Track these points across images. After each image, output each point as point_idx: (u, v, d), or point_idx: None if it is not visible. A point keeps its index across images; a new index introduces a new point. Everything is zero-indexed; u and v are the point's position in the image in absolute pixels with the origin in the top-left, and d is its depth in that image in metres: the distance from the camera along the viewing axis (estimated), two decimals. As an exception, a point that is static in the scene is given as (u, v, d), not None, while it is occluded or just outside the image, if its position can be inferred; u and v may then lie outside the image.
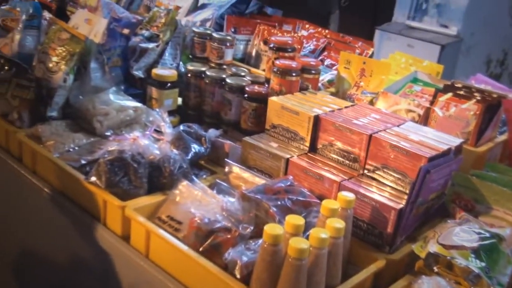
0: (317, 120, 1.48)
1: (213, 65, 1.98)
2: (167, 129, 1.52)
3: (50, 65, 1.71)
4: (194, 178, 1.47)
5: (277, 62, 1.71)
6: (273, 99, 1.58)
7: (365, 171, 1.40)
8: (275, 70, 1.70)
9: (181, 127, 1.63)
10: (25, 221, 1.71)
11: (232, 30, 2.18)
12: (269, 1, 2.62)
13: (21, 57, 1.80)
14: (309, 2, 5.04)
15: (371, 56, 2.08)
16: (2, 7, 1.91)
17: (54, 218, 1.57)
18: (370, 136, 1.37)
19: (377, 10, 4.71)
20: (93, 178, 1.41)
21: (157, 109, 1.60)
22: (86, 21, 1.88)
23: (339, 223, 1.13)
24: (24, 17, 1.83)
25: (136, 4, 2.56)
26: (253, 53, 2.18)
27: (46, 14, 1.95)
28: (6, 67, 1.71)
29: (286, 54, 1.78)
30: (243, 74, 1.89)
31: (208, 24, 2.23)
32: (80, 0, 2.44)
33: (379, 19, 4.48)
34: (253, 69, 2.06)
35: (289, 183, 1.34)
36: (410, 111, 1.66)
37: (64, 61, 1.70)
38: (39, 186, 1.58)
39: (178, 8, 2.15)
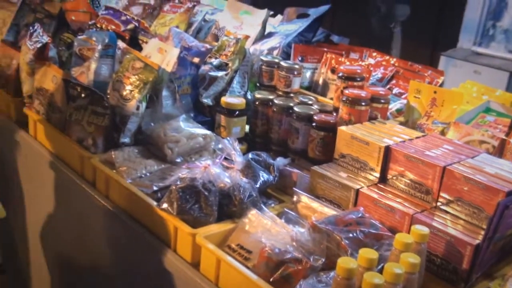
0: (387, 150, 1.46)
1: (280, 93, 1.99)
2: (238, 158, 1.54)
3: (124, 93, 1.77)
4: (263, 206, 1.48)
5: (346, 91, 1.71)
6: (342, 128, 1.58)
7: (438, 204, 1.37)
8: (344, 99, 1.70)
9: (250, 155, 1.64)
10: (98, 243, 1.76)
11: (299, 58, 2.19)
12: (336, 29, 2.62)
13: (96, 85, 1.86)
14: (373, 30, 5.03)
15: (441, 85, 2.04)
16: (79, 37, 1.99)
17: (125, 242, 1.61)
18: (444, 168, 1.35)
19: (438, 36, 4.64)
20: (165, 205, 1.44)
21: (228, 138, 1.62)
22: (158, 50, 1.93)
23: (414, 258, 1.11)
24: (100, 46, 1.90)
25: (203, 33, 2.62)
26: (320, 82, 2.18)
27: (120, 44, 2.01)
28: (82, 95, 1.78)
29: (355, 83, 1.77)
30: (310, 102, 1.89)
31: (275, 52, 2.25)
32: (151, 29, 2.53)
33: (441, 44, 4.41)
34: (320, 98, 2.07)
35: (360, 215, 1.33)
36: (483, 142, 1.61)
37: (137, 89, 1.76)
38: (112, 210, 1.63)
39: (247, 37, 2.18)
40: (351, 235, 1.24)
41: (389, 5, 5.06)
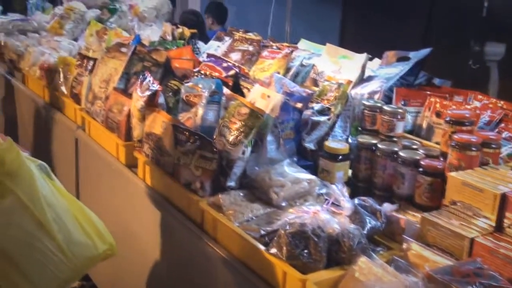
0: (503, 198, 1.41)
1: (383, 137, 1.98)
2: (346, 204, 1.54)
3: (230, 138, 1.82)
4: (372, 253, 1.47)
5: (455, 136, 1.68)
6: (452, 174, 1.55)
7: (562, 256, 1.31)
8: (453, 144, 1.67)
9: (356, 201, 1.64)
10: (204, 285, 1.79)
11: (402, 102, 2.18)
12: (437, 72, 2.59)
13: (202, 130, 1.93)
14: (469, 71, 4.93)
15: (555, 129, 1.97)
16: (186, 84, 2.09)
17: (232, 285, 1.64)
18: None
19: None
20: (274, 250, 1.46)
21: (336, 183, 1.63)
22: (261, 96, 1.98)
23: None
24: (206, 93, 1.97)
25: (300, 77, 2.66)
26: (424, 125, 2.15)
27: (224, 89, 2.08)
28: (191, 140, 1.85)
29: (464, 128, 1.74)
30: (415, 147, 1.87)
31: (376, 96, 2.25)
32: (250, 74, 2.60)
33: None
34: (425, 142, 2.04)
35: (478, 266, 1.29)
36: None
37: (243, 135, 1.81)
38: (219, 253, 1.66)
39: (349, 82, 2.20)
40: (470, 287, 1.20)
41: (484, 44, 4.95)
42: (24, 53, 3.54)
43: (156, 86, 2.10)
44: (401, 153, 1.79)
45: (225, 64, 2.51)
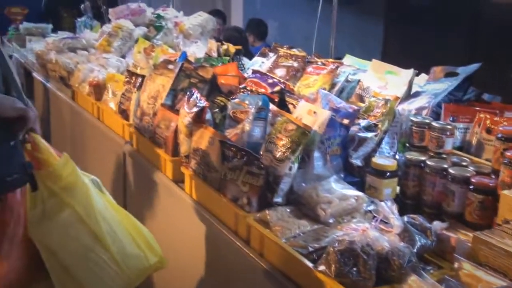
0: (560, 217, 1.37)
1: (432, 154, 1.95)
2: (396, 221, 1.52)
3: (277, 154, 1.83)
4: (423, 272, 1.44)
5: (507, 153, 1.64)
6: (505, 192, 1.51)
7: None
8: (506, 162, 1.63)
9: (405, 218, 1.62)
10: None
11: (451, 118, 2.15)
12: (486, 87, 2.54)
13: (249, 146, 1.94)
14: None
15: None
16: (233, 100, 2.10)
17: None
18: None
19: None
20: (322, 267, 1.45)
21: (386, 200, 1.61)
22: (308, 112, 1.98)
23: None
24: (253, 109, 1.98)
25: (346, 93, 2.65)
26: (474, 142, 2.11)
27: (270, 106, 2.09)
28: (238, 156, 1.86)
29: (516, 145, 1.70)
30: (465, 164, 1.84)
31: (424, 112, 2.22)
32: (295, 90, 2.61)
33: None
34: (475, 159, 2.00)
35: (534, 287, 1.25)
36: None
37: (290, 151, 1.81)
38: (266, 269, 1.66)
39: (397, 98, 2.18)
40: (527, 308, 1.16)
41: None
42: (74, 70, 3.63)
43: (203, 103, 2.12)
44: (451, 170, 1.76)
45: (270, 80, 2.53)
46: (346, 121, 1.99)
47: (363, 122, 2.04)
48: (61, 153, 1.69)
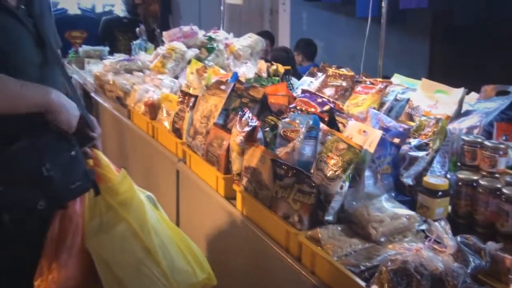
0: None
1: (484, 173, 1.89)
2: (450, 242, 1.47)
3: (328, 173, 1.80)
4: (478, 293, 1.39)
5: None
6: None
7: None
8: (562, 182, 1.56)
9: (459, 239, 1.57)
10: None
11: (503, 137, 2.08)
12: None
13: (300, 164, 1.92)
14: None
15: None
16: (284, 120, 2.09)
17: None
18: None
19: None
20: (375, 286, 1.41)
21: (440, 220, 1.56)
22: (358, 132, 1.95)
23: None
24: (304, 129, 1.97)
25: (394, 111, 2.61)
26: (527, 161, 2.04)
27: (320, 125, 2.07)
28: (289, 174, 1.85)
29: None
30: (519, 183, 1.77)
31: (475, 131, 2.16)
32: (344, 109, 2.58)
33: None
34: (529, 179, 1.92)
35: None
36: None
37: (341, 170, 1.78)
38: (318, 286, 1.63)
39: (448, 117, 2.13)
40: None
41: None
42: (130, 91, 3.70)
43: (255, 122, 2.12)
44: (504, 190, 1.70)
45: (319, 100, 2.51)
46: (397, 140, 1.95)
47: (414, 141, 2.00)
48: (119, 169, 1.72)
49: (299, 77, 3.47)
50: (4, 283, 1.66)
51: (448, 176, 1.98)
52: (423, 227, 1.72)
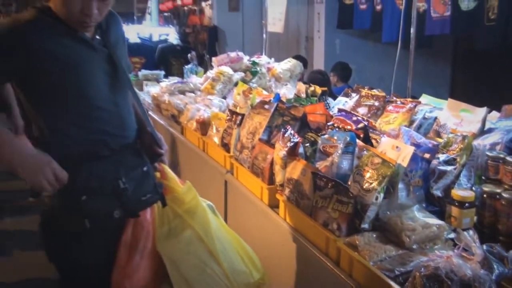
0: None
1: (507, 186, 1.84)
2: (477, 250, 1.44)
3: (364, 185, 1.79)
4: (505, 299, 1.35)
5: None
6: None
7: None
8: None
9: (484, 247, 1.53)
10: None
11: (524, 153, 2.02)
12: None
13: (338, 177, 1.91)
14: None
15: None
16: (323, 136, 2.08)
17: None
18: None
19: None
20: (409, 290, 1.39)
21: (468, 230, 1.53)
22: (391, 147, 1.93)
23: None
24: (341, 145, 1.96)
25: (423, 129, 2.56)
26: (548, 176, 1.97)
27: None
28: (329, 186, 1.84)
29: None
30: (540, 196, 1.72)
31: (498, 147, 2.10)
32: (377, 127, 2.56)
33: None
34: (550, 192, 1.86)
35: None
36: None
37: (376, 182, 1.76)
38: (355, 288, 1.62)
39: (473, 135, 2.09)
40: None
41: None
42: (183, 110, 3.74)
43: (297, 139, 2.12)
44: (526, 202, 1.65)
45: (354, 118, 2.49)
46: (427, 155, 1.92)
47: (442, 156, 1.96)
48: (183, 182, 1.74)
49: (333, 97, 3.45)
50: (86, 280, 1.69)
51: (474, 188, 1.94)
52: (452, 235, 1.69)
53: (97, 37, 1.74)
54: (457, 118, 2.42)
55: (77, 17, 1.62)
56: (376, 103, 2.75)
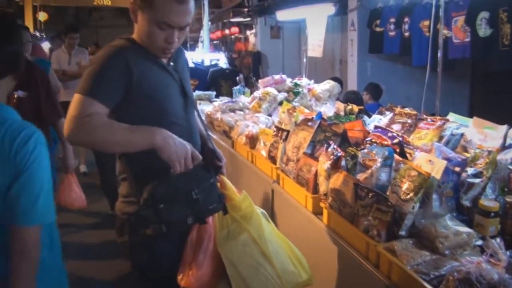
0: None
1: (538, 197, 1.80)
2: (504, 256, 1.42)
3: (402, 195, 1.78)
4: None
5: None
6: None
7: None
8: None
9: (508, 253, 1.50)
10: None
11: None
12: None
13: (377, 188, 1.91)
14: None
15: None
16: (363, 151, 2.08)
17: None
18: None
19: None
20: (444, 292, 1.38)
21: (496, 238, 1.51)
22: (425, 161, 1.91)
23: None
24: (380, 158, 1.96)
25: (451, 144, 2.52)
26: None
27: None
28: (369, 196, 1.84)
29: None
30: None
31: (520, 161, 2.06)
32: (410, 142, 2.53)
33: None
34: None
35: None
36: None
37: (413, 193, 1.76)
38: (394, 290, 1.61)
39: (498, 150, 2.05)
40: None
41: None
42: (234, 126, 3.79)
43: (340, 153, 2.13)
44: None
45: (390, 134, 2.48)
46: (457, 169, 1.90)
47: (470, 170, 1.94)
48: (240, 191, 1.78)
49: (366, 113, 3.44)
50: (158, 274, 1.74)
51: (498, 199, 1.90)
52: (479, 242, 1.66)
53: (171, 63, 1.81)
54: (482, 135, 2.38)
55: (161, 46, 1.69)
56: (409, 121, 2.72)
